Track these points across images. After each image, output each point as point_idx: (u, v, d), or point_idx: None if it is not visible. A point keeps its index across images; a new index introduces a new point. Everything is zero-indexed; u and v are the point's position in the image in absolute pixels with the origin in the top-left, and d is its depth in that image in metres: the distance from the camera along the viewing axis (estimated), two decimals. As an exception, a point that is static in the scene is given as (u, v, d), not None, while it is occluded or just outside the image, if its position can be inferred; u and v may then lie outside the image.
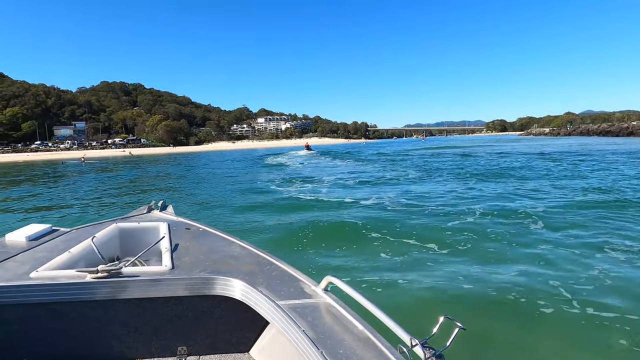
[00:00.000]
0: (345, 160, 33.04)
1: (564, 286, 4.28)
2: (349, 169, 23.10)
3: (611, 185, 11.52)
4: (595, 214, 7.76)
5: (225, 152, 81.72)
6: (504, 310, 3.82)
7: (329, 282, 1.72)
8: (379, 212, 8.80)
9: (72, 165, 43.46)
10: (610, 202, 9.01)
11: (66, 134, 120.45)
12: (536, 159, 23.88)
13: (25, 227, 2.45)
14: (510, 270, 4.83)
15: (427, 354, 1.17)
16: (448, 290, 4.28)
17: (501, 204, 9.26)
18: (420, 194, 11.39)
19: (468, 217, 7.91)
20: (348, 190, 13.11)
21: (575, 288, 4.23)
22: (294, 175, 19.91)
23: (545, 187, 11.78)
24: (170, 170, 28.73)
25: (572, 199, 9.47)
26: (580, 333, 3.40)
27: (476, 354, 3.04)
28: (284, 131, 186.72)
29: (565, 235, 6.36)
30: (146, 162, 44.23)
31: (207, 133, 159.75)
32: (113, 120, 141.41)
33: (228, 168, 28.29)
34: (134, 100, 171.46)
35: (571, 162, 20.34)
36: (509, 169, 18.57)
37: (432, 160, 28.70)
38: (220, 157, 53.82)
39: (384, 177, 17.30)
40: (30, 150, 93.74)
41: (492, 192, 11.37)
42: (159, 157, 59.44)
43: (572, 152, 29.70)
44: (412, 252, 5.68)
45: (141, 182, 20.13)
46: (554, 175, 14.97)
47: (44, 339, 1.81)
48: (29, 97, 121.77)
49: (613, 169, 16.15)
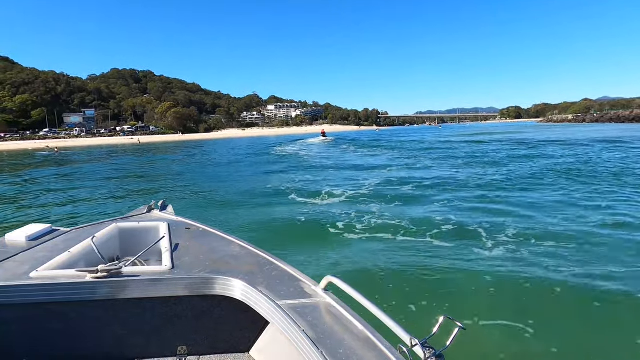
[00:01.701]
0: (376, 151, 28.10)
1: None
2: (401, 173, 14.86)
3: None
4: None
5: (234, 139, 79.24)
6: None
7: (329, 281, 1.71)
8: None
9: (41, 156, 37.71)
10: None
11: (75, 121, 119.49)
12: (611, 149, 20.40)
13: (25, 227, 2.42)
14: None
15: (427, 353, 1.17)
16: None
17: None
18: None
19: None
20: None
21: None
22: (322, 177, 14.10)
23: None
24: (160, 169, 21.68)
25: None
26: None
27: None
28: (294, 118, 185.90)
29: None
30: (145, 152, 41.63)
31: (217, 120, 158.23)
32: (123, 107, 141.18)
33: (228, 170, 19.66)
34: (144, 87, 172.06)
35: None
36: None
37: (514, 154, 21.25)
38: (227, 145, 50.93)
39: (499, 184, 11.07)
40: (38, 138, 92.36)
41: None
42: (167, 146, 57.27)
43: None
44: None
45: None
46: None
47: (43, 339, 1.80)
48: (38, 84, 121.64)
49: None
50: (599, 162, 15.24)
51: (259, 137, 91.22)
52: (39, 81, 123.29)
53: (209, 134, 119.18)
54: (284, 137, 77.00)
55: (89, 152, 45.18)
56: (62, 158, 34.50)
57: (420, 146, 32.33)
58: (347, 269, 4.78)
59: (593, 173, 12.40)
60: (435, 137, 52.70)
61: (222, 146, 47.44)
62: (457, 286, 4.22)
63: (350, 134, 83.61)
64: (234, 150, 37.97)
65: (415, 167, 17.12)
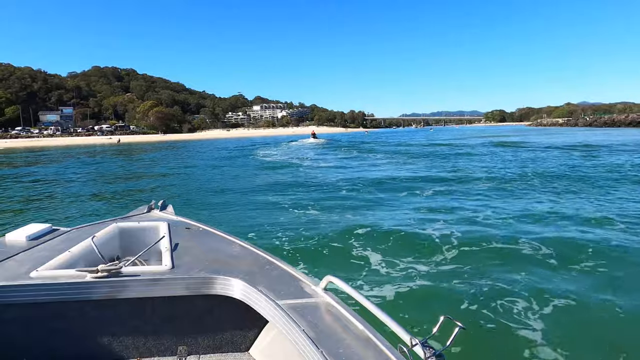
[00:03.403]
0: (379, 158, 23.32)
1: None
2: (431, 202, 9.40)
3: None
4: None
5: (219, 140, 76.06)
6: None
7: (329, 281, 1.70)
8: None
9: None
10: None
11: (52, 119, 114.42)
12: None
13: (25, 226, 2.42)
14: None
15: (427, 353, 1.17)
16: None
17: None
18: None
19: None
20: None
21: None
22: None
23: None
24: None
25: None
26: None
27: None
28: (280, 119, 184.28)
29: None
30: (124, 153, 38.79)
31: (201, 120, 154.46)
32: (104, 106, 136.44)
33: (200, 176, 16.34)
34: (127, 85, 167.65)
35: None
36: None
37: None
38: (209, 146, 47.65)
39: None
40: (10, 137, 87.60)
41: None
42: (144, 146, 54.04)
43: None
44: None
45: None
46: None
47: (43, 338, 1.80)
48: (13, 81, 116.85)
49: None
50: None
51: (245, 138, 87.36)
52: (13, 77, 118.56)
53: (192, 135, 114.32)
54: (271, 138, 73.57)
55: (49, 155, 37.70)
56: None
57: (454, 151, 26.52)
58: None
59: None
60: (445, 139, 47.90)
61: (205, 148, 44.25)
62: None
63: (340, 136, 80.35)
64: (218, 151, 35.15)
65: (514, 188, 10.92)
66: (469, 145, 33.53)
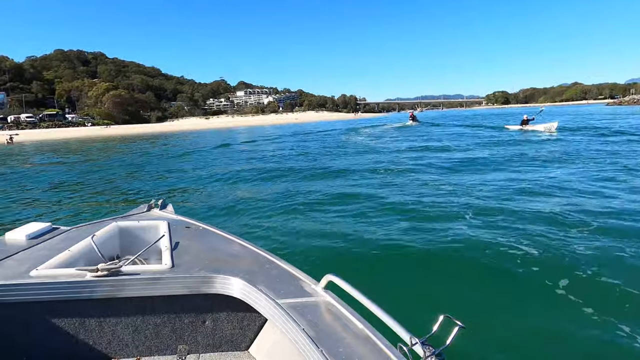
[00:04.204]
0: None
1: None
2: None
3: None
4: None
5: (186, 134, 51.96)
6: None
7: (329, 280, 1.69)
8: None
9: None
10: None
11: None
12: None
13: (25, 225, 2.38)
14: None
15: (427, 352, 1.17)
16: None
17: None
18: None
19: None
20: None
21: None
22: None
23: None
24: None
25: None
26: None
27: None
28: (268, 105, 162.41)
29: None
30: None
31: (179, 108, 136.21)
32: (58, 92, 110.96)
33: None
34: (94, 70, 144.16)
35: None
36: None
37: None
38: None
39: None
40: None
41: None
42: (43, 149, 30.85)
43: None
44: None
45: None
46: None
47: (43, 337, 1.79)
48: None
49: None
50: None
51: (227, 129, 60.60)
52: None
53: (156, 125, 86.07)
54: (272, 130, 47.92)
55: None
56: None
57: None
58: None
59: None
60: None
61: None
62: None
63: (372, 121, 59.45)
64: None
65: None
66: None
